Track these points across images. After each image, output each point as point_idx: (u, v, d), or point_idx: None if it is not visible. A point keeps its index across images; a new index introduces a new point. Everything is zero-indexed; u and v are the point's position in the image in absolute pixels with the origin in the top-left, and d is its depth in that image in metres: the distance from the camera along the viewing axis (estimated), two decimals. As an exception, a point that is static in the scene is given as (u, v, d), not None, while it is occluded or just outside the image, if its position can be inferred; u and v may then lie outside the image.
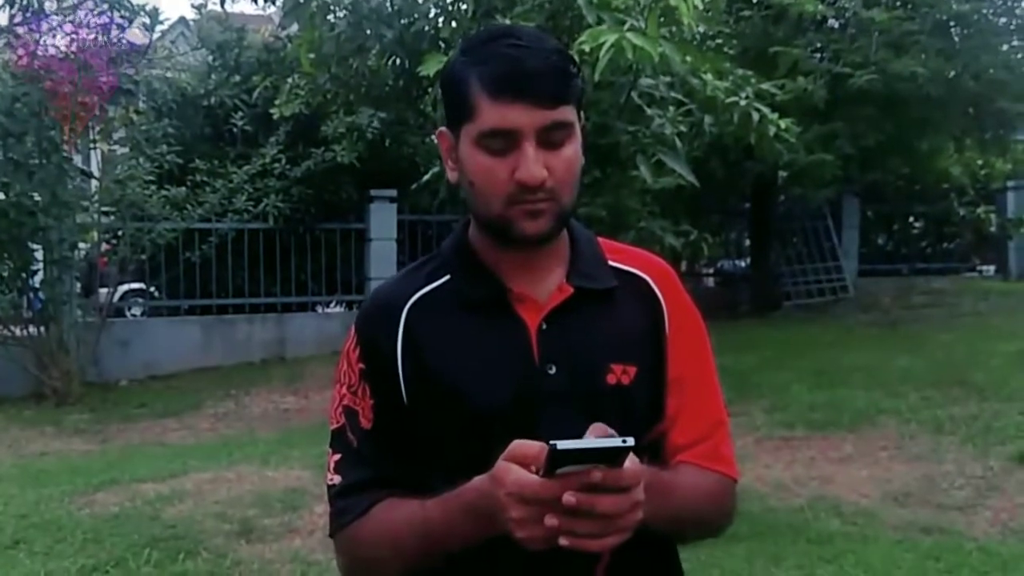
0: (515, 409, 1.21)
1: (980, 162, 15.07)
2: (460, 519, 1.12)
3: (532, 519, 1.01)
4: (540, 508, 1.00)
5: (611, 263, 1.33)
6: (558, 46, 1.22)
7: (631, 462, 1.00)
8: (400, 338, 1.26)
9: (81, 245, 9.44)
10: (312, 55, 6.39)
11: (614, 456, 0.97)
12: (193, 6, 15.08)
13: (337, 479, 1.28)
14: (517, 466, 1.02)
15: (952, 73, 10.49)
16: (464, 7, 5.97)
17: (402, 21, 6.26)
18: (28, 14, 8.82)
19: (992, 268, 15.75)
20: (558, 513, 0.99)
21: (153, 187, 9.31)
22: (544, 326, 1.25)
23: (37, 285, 8.94)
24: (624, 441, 0.95)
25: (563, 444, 0.93)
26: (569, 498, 0.98)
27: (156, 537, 4.64)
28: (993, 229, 14.97)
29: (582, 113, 1.25)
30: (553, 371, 1.24)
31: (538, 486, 1.00)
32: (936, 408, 6.62)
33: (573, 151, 1.20)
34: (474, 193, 1.21)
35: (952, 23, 11.04)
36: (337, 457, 1.28)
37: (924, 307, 11.75)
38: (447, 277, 1.29)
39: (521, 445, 1.03)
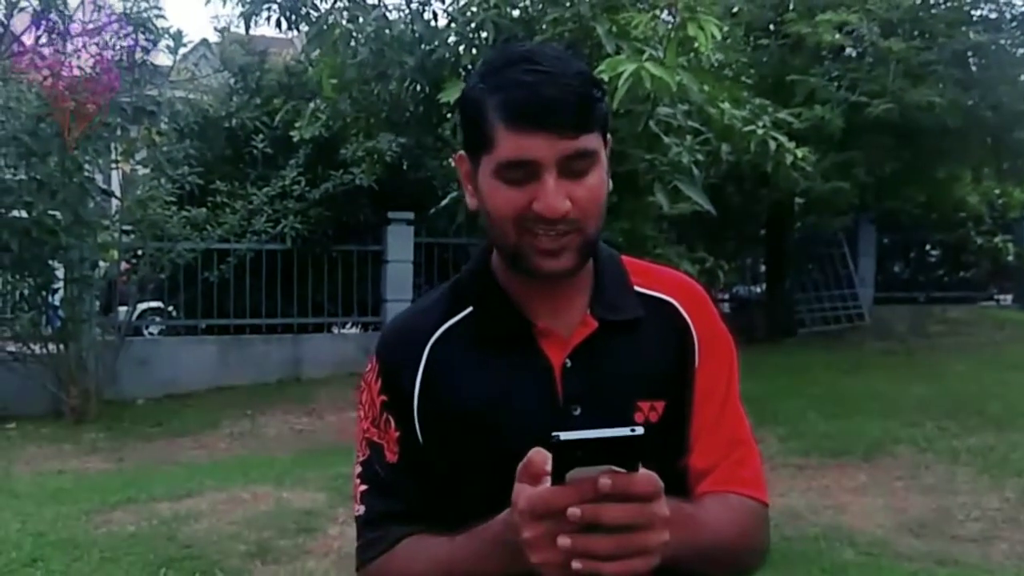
0: None
1: (997, 191, 15.07)
2: (487, 554, 1.06)
3: (546, 538, 0.92)
4: (554, 525, 0.92)
5: (637, 288, 1.28)
6: (581, 69, 1.16)
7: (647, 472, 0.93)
8: (420, 377, 1.23)
9: (101, 264, 9.52)
10: (334, 80, 6.47)
11: (627, 454, 0.91)
12: (216, 29, 15.29)
13: (363, 509, 1.25)
14: (529, 485, 0.95)
15: (969, 103, 10.51)
16: (484, 35, 6.04)
17: (423, 47, 6.34)
18: (54, 35, 8.95)
19: (1009, 297, 15.71)
20: (572, 531, 0.91)
21: (174, 207, 9.40)
22: (568, 364, 1.21)
23: (57, 303, 9.02)
24: (632, 430, 0.90)
25: (566, 435, 0.89)
26: (573, 510, 0.90)
27: (172, 557, 4.66)
28: (1010, 258, 14.95)
29: (608, 137, 1.20)
30: (578, 412, 1.19)
31: (547, 494, 0.92)
32: (952, 438, 6.60)
33: (597, 179, 1.15)
34: (492, 223, 1.17)
35: (970, 53, 11.06)
36: (364, 488, 1.25)
37: (940, 336, 11.72)
38: (469, 309, 1.25)
39: (532, 454, 0.95)
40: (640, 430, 0.90)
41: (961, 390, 8.10)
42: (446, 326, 1.25)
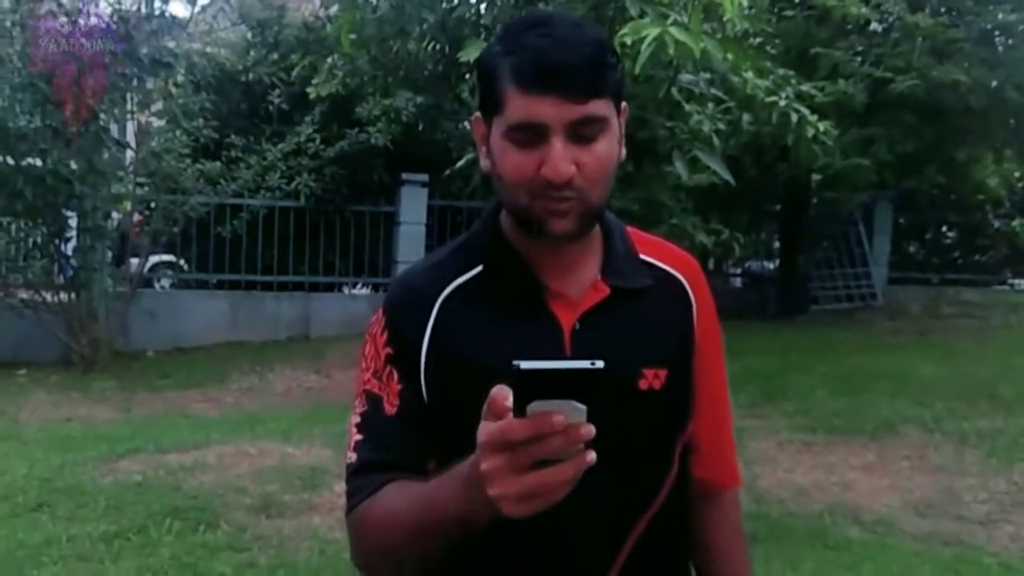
0: None
1: (1017, 174, 14.92)
2: (456, 492, 1.03)
3: (503, 470, 0.91)
4: (511, 457, 0.91)
5: (643, 257, 1.31)
6: (596, 36, 1.17)
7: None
8: (429, 332, 1.23)
9: (114, 215, 9.51)
10: (353, 36, 6.40)
11: (587, 388, 0.89)
12: (235, -18, 15.13)
13: (354, 457, 1.24)
14: (492, 422, 0.93)
15: (995, 83, 10.38)
16: (506, -6, 5.97)
17: (444, 6, 6.27)
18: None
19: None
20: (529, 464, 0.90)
21: (188, 160, 9.37)
22: (578, 326, 1.22)
23: (69, 252, 9.04)
24: (592, 363, 0.89)
25: (527, 365, 0.88)
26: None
27: (177, 507, 4.69)
28: (1027, 242, 14.81)
29: (623, 105, 1.21)
30: None
31: (505, 426, 0.90)
32: (961, 420, 6.57)
33: (606, 146, 1.16)
34: (503, 185, 1.19)
35: (997, 32, 10.91)
36: (358, 437, 1.25)
37: (953, 318, 11.65)
38: (479, 268, 1.26)
39: (494, 391, 0.93)
40: (600, 364, 0.89)
41: (972, 372, 8.06)
42: (456, 283, 1.26)
